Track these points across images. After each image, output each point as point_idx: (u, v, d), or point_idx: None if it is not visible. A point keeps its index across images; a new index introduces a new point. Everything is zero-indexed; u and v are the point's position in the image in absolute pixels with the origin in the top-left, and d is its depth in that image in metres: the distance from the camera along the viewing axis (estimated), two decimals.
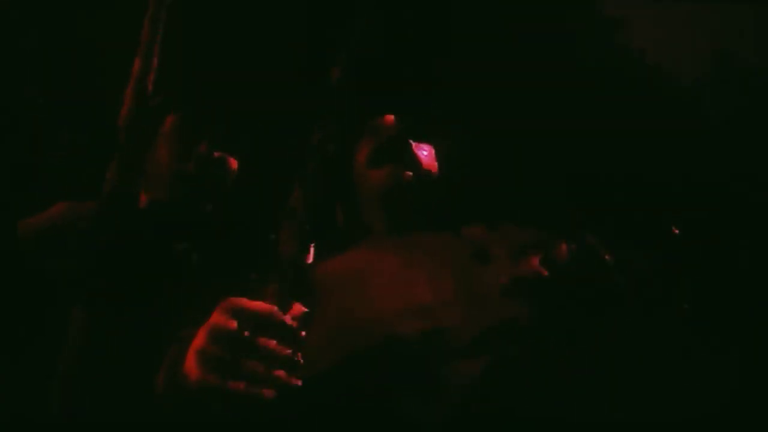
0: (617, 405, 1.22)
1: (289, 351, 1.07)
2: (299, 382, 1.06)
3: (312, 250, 1.38)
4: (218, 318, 1.08)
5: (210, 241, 1.58)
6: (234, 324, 1.06)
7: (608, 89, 1.89)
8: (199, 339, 1.08)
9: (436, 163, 1.47)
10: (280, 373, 1.05)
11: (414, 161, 1.44)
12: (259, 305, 1.09)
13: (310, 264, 1.37)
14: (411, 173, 1.44)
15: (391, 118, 1.48)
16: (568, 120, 1.81)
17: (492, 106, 1.78)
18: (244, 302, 1.09)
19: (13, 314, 1.45)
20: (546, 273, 1.27)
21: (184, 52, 1.70)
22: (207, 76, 1.75)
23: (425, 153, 1.46)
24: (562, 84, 1.85)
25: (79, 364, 1.37)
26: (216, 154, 1.58)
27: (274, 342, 1.07)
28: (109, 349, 1.37)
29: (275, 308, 1.09)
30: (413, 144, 1.45)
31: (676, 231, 1.37)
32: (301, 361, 1.07)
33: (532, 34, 1.89)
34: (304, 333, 1.09)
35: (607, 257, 1.28)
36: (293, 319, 1.09)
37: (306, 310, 1.12)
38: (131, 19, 1.71)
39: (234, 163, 1.60)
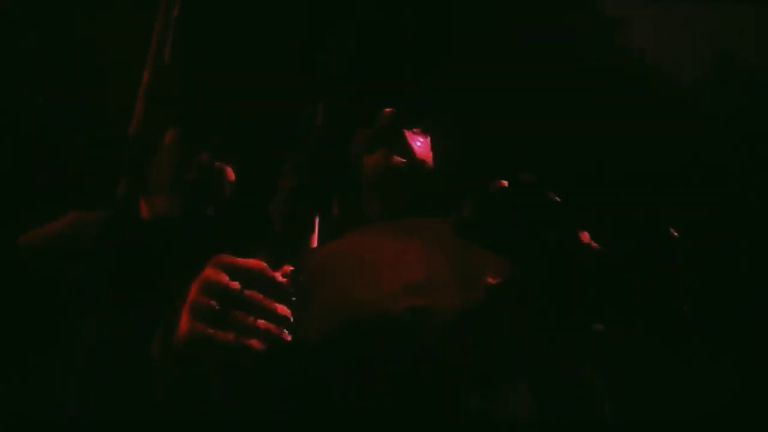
0: (617, 405, 1.22)
1: (278, 306, 1.08)
2: (288, 337, 1.07)
3: (315, 220, 1.40)
4: (208, 271, 1.09)
5: (212, 242, 1.58)
6: (224, 276, 1.08)
7: (608, 89, 1.89)
8: (190, 293, 1.09)
9: (430, 154, 1.49)
10: (269, 326, 1.07)
11: (406, 148, 1.46)
12: (249, 260, 1.10)
13: (304, 234, 1.39)
14: (402, 160, 1.46)
15: (388, 109, 1.50)
16: (568, 120, 1.81)
17: (492, 106, 1.78)
18: (235, 257, 1.10)
19: (21, 321, 1.45)
20: (538, 257, 1.29)
21: (186, 61, 1.70)
22: (207, 84, 1.75)
23: (419, 143, 1.49)
24: (562, 84, 1.85)
25: (88, 369, 1.37)
26: (216, 163, 1.59)
27: (262, 296, 1.08)
28: (116, 353, 1.38)
29: (264, 264, 1.10)
30: (407, 133, 1.47)
31: (676, 231, 1.37)
32: (291, 317, 1.08)
33: (532, 34, 1.89)
34: (292, 290, 1.10)
35: (602, 247, 1.29)
36: (283, 275, 1.11)
37: (293, 267, 1.13)
38: (131, 19, 1.71)
39: (231, 174, 1.61)
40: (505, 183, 1.33)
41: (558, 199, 1.31)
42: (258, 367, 1.07)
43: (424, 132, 1.51)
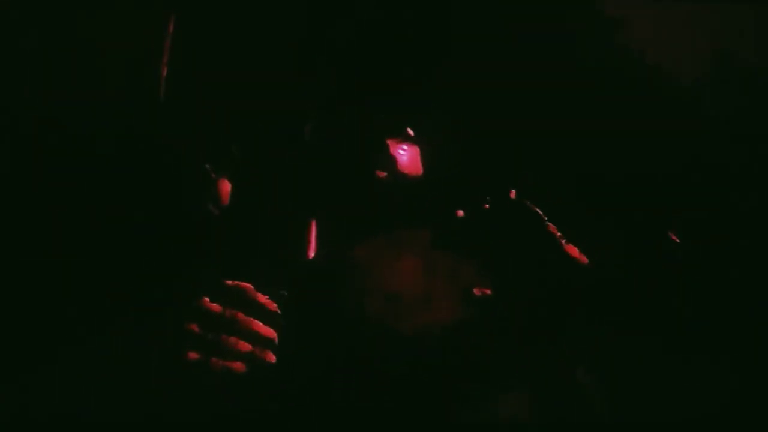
0: (616, 405, 1.22)
1: (263, 327, 1.09)
2: (272, 358, 1.08)
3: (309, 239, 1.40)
4: (193, 293, 1.10)
5: (212, 243, 1.58)
6: (207, 299, 1.08)
7: (608, 89, 1.89)
8: (175, 315, 1.10)
9: (417, 163, 1.49)
10: (253, 348, 1.07)
11: (388, 161, 1.46)
12: (234, 282, 1.11)
13: (301, 241, 1.40)
14: (383, 174, 1.46)
15: (377, 118, 1.49)
16: (568, 120, 1.81)
17: (490, 106, 1.78)
18: (219, 279, 1.11)
19: (23, 319, 1.45)
20: (535, 269, 1.29)
21: (185, 62, 1.70)
22: (205, 84, 1.75)
23: (403, 153, 1.48)
24: (562, 84, 1.85)
25: (88, 369, 1.37)
26: (213, 174, 1.59)
27: (246, 317, 1.08)
28: (116, 350, 1.38)
29: (250, 285, 1.10)
30: (391, 144, 1.47)
31: (676, 232, 1.38)
32: (276, 339, 1.09)
33: (532, 34, 1.89)
34: (279, 311, 1.11)
35: (594, 257, 1.30)
36: (269, 298, 1.11)
37: (284, 293, 1.14)
38: (131, 19, 1.71)
39: (226, 186, 1.61)
40: (492, 199, 1.34)
41: (542, 214, 1.31)
42: (245, 385, 1.08)
43: (413, 140, 1.50)
